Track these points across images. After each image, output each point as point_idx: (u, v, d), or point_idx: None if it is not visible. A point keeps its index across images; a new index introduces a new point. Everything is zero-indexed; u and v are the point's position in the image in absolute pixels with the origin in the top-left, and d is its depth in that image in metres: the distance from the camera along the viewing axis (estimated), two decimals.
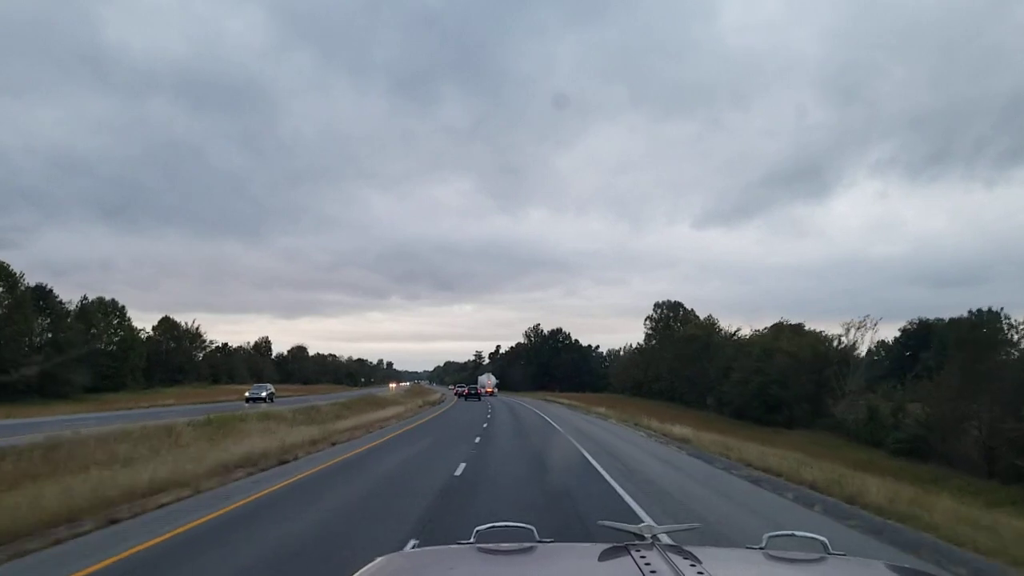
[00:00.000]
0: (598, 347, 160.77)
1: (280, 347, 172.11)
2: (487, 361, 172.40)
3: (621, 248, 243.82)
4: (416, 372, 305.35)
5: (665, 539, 2.17)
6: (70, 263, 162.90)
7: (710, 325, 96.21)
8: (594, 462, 16.82)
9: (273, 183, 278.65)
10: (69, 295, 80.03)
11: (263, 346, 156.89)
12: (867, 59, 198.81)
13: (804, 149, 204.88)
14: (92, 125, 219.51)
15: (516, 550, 1.90)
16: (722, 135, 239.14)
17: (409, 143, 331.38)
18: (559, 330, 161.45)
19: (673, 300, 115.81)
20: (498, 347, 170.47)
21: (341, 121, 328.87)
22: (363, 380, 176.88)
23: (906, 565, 1.83)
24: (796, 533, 2.14)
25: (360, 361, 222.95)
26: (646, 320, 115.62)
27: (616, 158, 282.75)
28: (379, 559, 1.80)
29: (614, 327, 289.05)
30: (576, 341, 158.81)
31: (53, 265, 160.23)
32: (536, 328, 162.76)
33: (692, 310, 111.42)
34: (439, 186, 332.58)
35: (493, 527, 2.07)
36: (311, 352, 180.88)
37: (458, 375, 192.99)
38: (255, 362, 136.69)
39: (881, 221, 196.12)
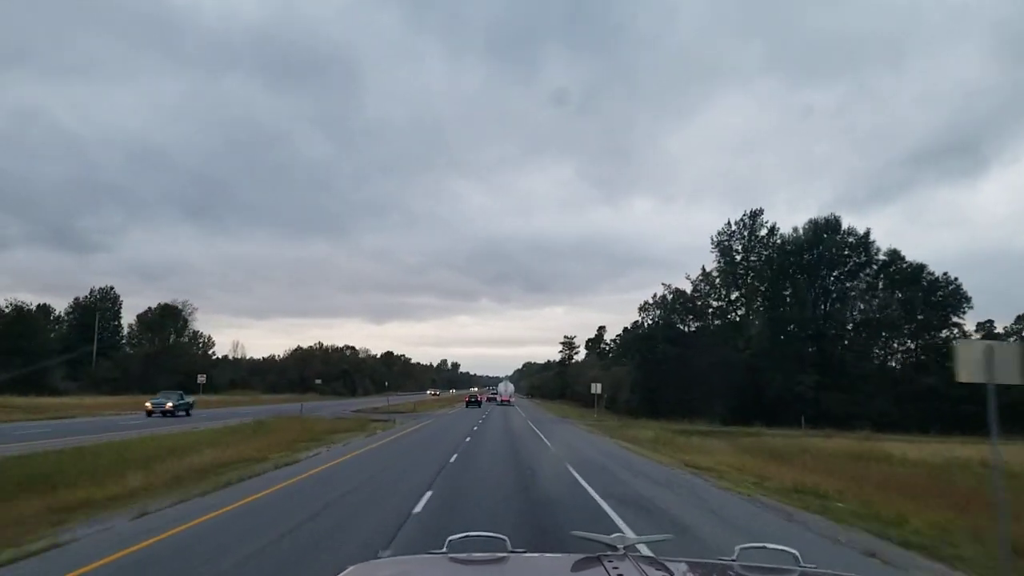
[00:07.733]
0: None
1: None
2: (583, 353, 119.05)
3: None
4: (496, 376, 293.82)
5: (639, 549, 2.20)
6: (159, 267, 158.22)
7: None
8: None
9: (360, 174, 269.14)
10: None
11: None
12: None
13: (962, 116, 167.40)
14: (169, 112, 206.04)
15: (488, 560, 1.92)
16: (867, 104, 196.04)
17: (506, 123, 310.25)
18: None
19: None
20: (601, 329, 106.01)
21: (432, 98, 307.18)
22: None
23: None
24: (768, 545, 2.16)
25: (390, 356, 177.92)
26: None
27: (739, 135, 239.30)
28: (350, 568, 1.82)
29: None
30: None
31: (143, 269, 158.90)
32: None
33: None
34: (536, 174, 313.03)
35: (466, 537, 2.08)
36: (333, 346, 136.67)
37: (534, 378, 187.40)
38: None
39: None
